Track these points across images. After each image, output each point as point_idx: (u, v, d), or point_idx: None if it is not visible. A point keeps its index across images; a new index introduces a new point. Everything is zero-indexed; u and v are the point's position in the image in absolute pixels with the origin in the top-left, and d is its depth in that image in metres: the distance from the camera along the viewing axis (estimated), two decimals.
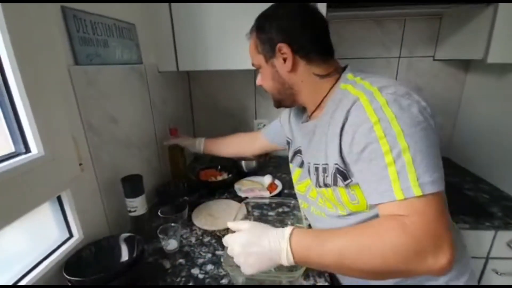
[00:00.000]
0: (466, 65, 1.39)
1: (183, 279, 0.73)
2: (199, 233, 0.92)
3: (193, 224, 0.96)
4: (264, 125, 1.54)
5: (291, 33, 0.61)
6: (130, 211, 0.84)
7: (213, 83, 1.52)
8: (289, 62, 0.62)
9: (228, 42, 1.09)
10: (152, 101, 1.09)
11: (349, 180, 0.56)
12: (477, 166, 1.34)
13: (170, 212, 0.93)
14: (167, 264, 0.78)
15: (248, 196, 1.10)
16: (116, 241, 0.76)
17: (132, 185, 0.82)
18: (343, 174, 0.56)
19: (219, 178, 1.23)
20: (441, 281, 0.61)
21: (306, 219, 0.80)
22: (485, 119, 1.29)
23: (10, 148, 0.60)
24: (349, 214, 0.62)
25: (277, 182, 1.21)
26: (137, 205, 0.83)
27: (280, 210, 1.02)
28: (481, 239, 1.02)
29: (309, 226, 0.79)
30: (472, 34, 1.17)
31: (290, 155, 0.82)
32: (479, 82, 1.34)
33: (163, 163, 1.20)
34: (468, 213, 1.03)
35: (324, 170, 0.61)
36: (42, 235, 0.69)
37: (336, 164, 0.57)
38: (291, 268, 0.73)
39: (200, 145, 1.13)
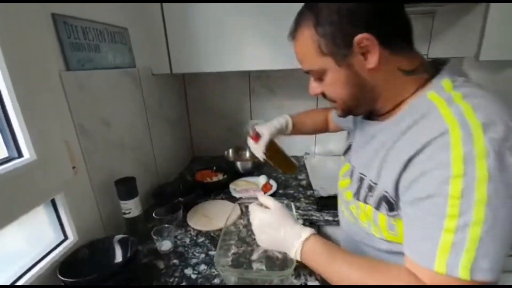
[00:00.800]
0: (459, 62, 1.39)
1: (176, 279, 0.74)
2: (194, 233, 0.93)
3: (188, 225, 0.97)
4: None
5: (370, 16, 0.46)
6: (124, 213, 0.85)
7: (208, 84, 1.53)
8: (373, 57, 0.47)
9: (222, 44, 1.10)
10: (146, 103, 1.10)
11: (394, 213, 0.49)
12: None
13: (164, 214, 0.95)
14: (161, 265, 0.79)
15: (243, 197, 1.11)
16: (110, 242, 0.77)
17: (125, 187, 0.83)
18: (391, 204, 0.49)
19: (215, 179, 1.24)
20: None
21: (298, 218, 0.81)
22: None
23: (3, 153, 0.62)
24: (382, 239, 0.55)
25: (272, 182, 1.22)
26: (131, 207, 0.85)
27: None
28: None
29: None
30: (464, 31, 1.18)
31: (345, 146, 0.74)
32: (472, 79, 1.33)
33: (159, 164, 1.21)
34: None
35: (370, 188, 0.53)
36: (37, 237, 0.70)
37: (386, 191, 0.49)
38: (283, 267, 0.75)
39: (289, 124, 0.94)
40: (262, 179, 1.22)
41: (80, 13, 0.77)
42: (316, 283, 0.71)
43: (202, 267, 0.78)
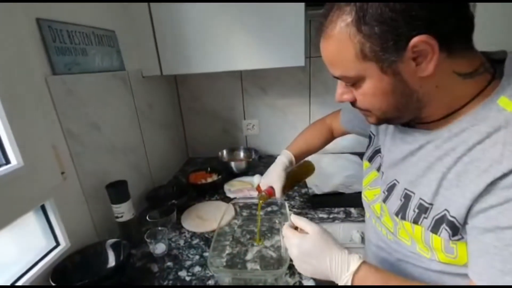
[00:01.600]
0: None
1: (170, 282, 0.73)
2: (188, 235, 0.93)
3: (182, 227, 0.96)
4: (254, 125, 1.55)
5: (434, 15, 0.37)
6: (117, 217, 0.84)
7: (201, 85, 1.52)
8: (430, 63, 0.39)
9: (212, 44, 1.09)
10: (137, 106, 1.10)
11: (458, 237, 0.43)
12: None
13: (158, 216, 0.94)
14: (155, 268, 0.79)
15: (237, 197, 1.11)
16: (103, 247, 0.77)
17: (117, 191, 0.83)
18: (455, 229, 0.42)
19: (209, 180, 1.24)
20: None
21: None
22: None
23: None
24: (434, 260, 0.48)
25: None
26: (124, 211, 0.84)
27: (268, 209, 1.02)
28: None
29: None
30: None
31: (369, 152, 0.68)
32: None
33: (152, 167, 1.20)
34: None
35: (424, 209, 0.46)
36: (27, 244, 0.70)
37: (453, 217, 0.42)
38: (277, 266, 0.75)
39: (292, 162, 0.88)
40: (256, 179, 1.22)
41: (65, 17, 0.76)
42: (311, 281, 0.71)
43: (197, 268, 0.77)
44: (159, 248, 0.83)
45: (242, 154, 1.52)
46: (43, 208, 0.71)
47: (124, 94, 1.03)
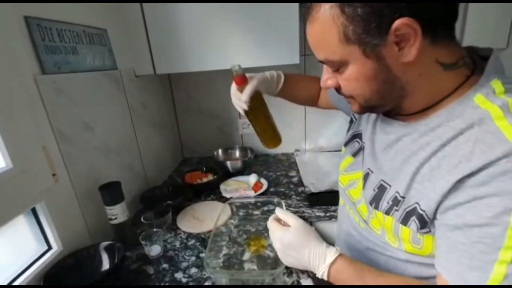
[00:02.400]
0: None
1: (166, 284, 0.72)
2: (184, 236, 0.91)
3: (178, 228, 0.95)
4: (249, 124, 1.54)
5: None
6: (111, 219, 0.83)
7: (195, 84, 1.50)
8: (412, 48, 0.39)
9: (205, 43, 1.08)
10: (130, 106, 1.08)
11: (426, 230, 0.44)
12: None
13: (153, 218, 0.93)
14: (151, 270, 0.77)
15: (233, 197, 1.10)
16: (96, 250, 0.75)
17: (110, 192, 0.81)
18: (424, 222, 0.44)
19: (205, 179, 1.23)
20: None
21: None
22: None
23: None
24: (399, 249, 0.50)
25: (262, 181, 1.21)
26: (118, 213, 0.82)
27: (265, 208, 1.02)
28: None
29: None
30: None
31: (347, 136, 0.68)
32: None
33: (147, 167, 1.19)
34: None
35: (396, 201, 0.47)
36: (18, 249, 0.68)
37: (423, 210, 0.43)
38: (274, 265, 0.74)
39: (280, 80, 0.78)
40: (252, 178, 1.21)
41: (54, 15, 0.74)
42: (309, 280, 0.70)
43: (193, 270, 0.76)
44: (155, 250, 0.82)
45: (237, 153, 1.51)
46: (33, 211, 0.69)
47: (117, 94, 1.01)
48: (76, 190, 0.79)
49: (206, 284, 0.71)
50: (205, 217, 0.99)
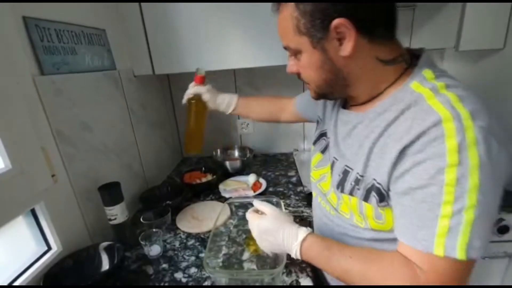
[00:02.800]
0: (441, 53, 1.41)
1: (166, 284, 0.72)
2: (183, 236, 0.91)
3: (177, 228, 0.95)
4: (248, 124, 1.55)
5: (354, 2, 0.44)
6: (110, 219, 0.83)
7: None
8: (348, 44, 0.46)
9: (203, 43, 1.08)
10: (129, 106, 1.08)
11: (384, 203, 0.49)
12: None
13: (153, 218, 0.93)
14: (150, 270, 0.77)
15: (232, 196, 1.10)
16: (96, 250, 0.75)
17: (109, 193, 0.81)
18: (382, 195, 0.49)
19: (204, 179, 1.23)
20: None
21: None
22: None
23: None
24: (366, 228, 0.56)
25: (261, 180, 1.21)
26: (117, 213, 0.82)
27: None
28: None
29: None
30: (444, 23, 1.19)
31: (315, 135, 0.73)
32: (454, 70, 1.36)
33: (146, 167, 1.19)
34: None
35: (357, 181, 0.53)
36: (18, 250, 0.68)
37: (379, 184, 0.48)
38: (274, 265, 0.74)
39: (232, 102, 0.92)
40: (251, 178, 1.21)
41: (53, 16, 0.74)
42: (308, 280, 0.70)
43: (193, 270, 0.77)
44: (154, 250, 0.82)
45: (236, 153, 1.51)
46: (33, 212, 0.69)
47: (116, 94, 1.01)
48: (75, 190, 0.79)
49: (206, 284, 0.72)
50: (205, 217, 0.99)
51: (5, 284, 0.62)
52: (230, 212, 0.95)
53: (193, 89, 0.89)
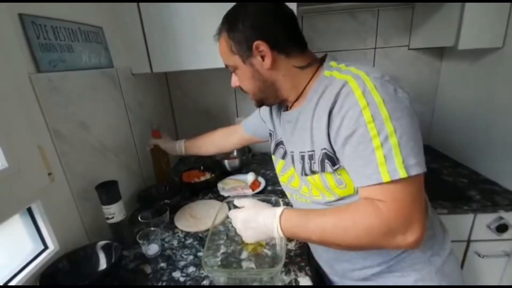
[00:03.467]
0: (440, 52, 1.41)
1: (164, 283, 0.72)
2: (182, 235, 0.91)
3: (175, 227, 0.95)
4: None
5: (266, 29, 0.59)
6: (108, 218, 0.82)
7: (192, 83, 1.50)
8: (268, 59, 0.60)
9: (201, 41, 1.07)
10: (127, 104, 1.07)
11: (337, 166, 0.57)
12: (456, 151, 1.37)
13: (151, 217, 0.92)
14: (148, 269, 0.77)
15: (231, 195, 1.10)
16: (93, 249, 0.75)
17: (107, 191, 0.81)
18: (331, 159, 0.58)
19: (202, 178, 1.22)
20: (426, 256, 0.64)
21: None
22: (461, 104, 1.31)
23: None
24: (337, 200, 0.63)
25: (260, 179, 1.21)
26: (115, 212, 0.82)
27: None
28: (461, 223, 1.04)
29: None
30: (443, 22, 1.19)
31: (272, 147, 0.81)
32: (453, 69, 1.36)
33: (144, 166, 1.18)
34: (447, 198, 1.06)
35: (311, 157, 0.62)
36: (15, 249, 0.67)
37: (324, 149, 0.58)
38: (272, 264, 0.74)
39: (181, 147, 1.11)
40: (250, 177, 1.20)
41: (49, 13, 0.73)
42: (307, 279, 0.70)
43: (191, 269, 0.76)
44: (152, 249, 0.82)
45: (235, 152, 1.50)
46: (29, 211, 0.69)
47: (113, 92, 1.00)
48: (72, 189, 0.78)
49: (204, 283, 0.71)
50: (203, 216, 0.99)
51: (1, 283, 0.61)
52: (228, 211, 0.95)
53: (151, 141, 1.14)
